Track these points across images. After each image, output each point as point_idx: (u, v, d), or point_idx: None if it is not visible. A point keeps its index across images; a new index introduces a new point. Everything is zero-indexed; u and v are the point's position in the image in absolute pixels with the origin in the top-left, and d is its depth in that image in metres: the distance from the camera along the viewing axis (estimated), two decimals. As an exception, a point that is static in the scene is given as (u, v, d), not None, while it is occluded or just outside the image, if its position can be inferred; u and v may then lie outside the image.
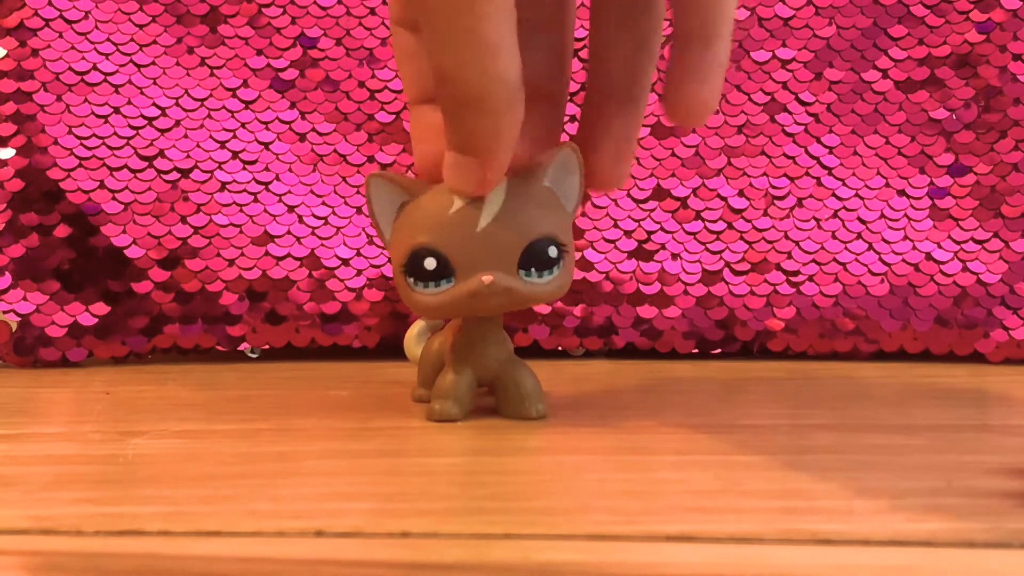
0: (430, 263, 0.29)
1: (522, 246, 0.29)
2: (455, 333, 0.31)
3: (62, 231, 0.42)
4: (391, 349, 0.42)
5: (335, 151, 0.44)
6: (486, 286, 0.28)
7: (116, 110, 0.43)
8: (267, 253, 0.42)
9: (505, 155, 0.28)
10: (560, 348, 0.43)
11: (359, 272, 0.43)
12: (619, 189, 0.34)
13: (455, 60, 0.27)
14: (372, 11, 0.44)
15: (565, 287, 0.30)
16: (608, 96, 0.30)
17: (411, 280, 0.29)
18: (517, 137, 0.28)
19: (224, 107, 0.44)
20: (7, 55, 0.43)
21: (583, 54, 0.34)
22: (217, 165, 0.43)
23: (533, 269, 0.29)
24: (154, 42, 0.44)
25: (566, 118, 0.33)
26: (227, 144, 0.43)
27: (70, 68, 0.43)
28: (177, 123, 0.43)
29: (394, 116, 0.44)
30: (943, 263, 0.42)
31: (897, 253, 0.43)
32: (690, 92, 0.29)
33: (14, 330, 0.42)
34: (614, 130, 0.30)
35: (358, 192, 0.43)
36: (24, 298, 0.42)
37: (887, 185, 0.43)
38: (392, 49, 0.33)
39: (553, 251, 0.29)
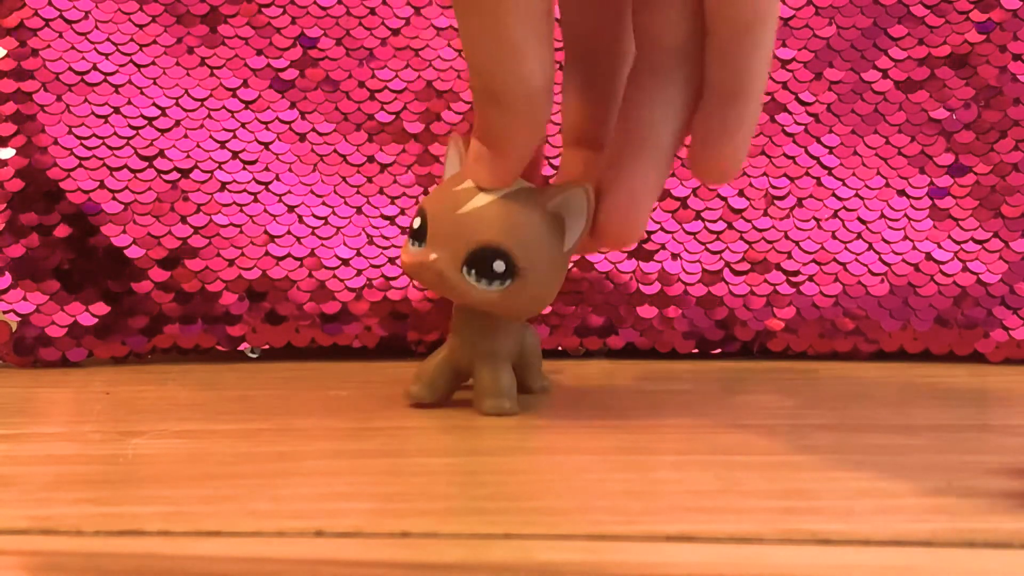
0: (417, 222, 0.30)
1: (472, 245, 0.29)
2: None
3: (62, 231, 0.42)
4: (391, 349, 0.42)
5: (335, 151, 0.44)
6: (427, 262, 0.29)
7: (116, 110, 0.43)
8: (267, 253, 0.42)
9: (519, 154, 0.28)
10: (560, 348, 0.43)
11: (359, 272, 0.43)
12: (623, 247, 0.33)
13: (480, 54, 0.27)
14: (372, 11, 0.44)
15: (516, 308, 0.30)
16: (634, 145, 0.29)
17: (409, 230, 0.31)
18: (537, 138, 0.28)
19: (224, 107, 0.44)
20: (7, 55, 0.43)
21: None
22: (217, 165, 0.43)
23: (474, 271, 0.29)
24: (154, 42, 0.44)
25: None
26: (227, 144, 0.43)
27: (70, 68, 0.43)
28: (177, 123, 0.43)
29: (394, 116, 0.44)
30: (943, 263, 0.42)
31: (897, 253, 0.43)
32: (713, 151, 0.28)
33: (14, 330, 0.42)
34: (629, 182, 0.29)
35: (358, 192, 0.43)
36: (24, 298, 0.42)
37: (887, 185, 0.43)
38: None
39: (500, 266, 0.29)
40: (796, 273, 0.43)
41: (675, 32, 0.29)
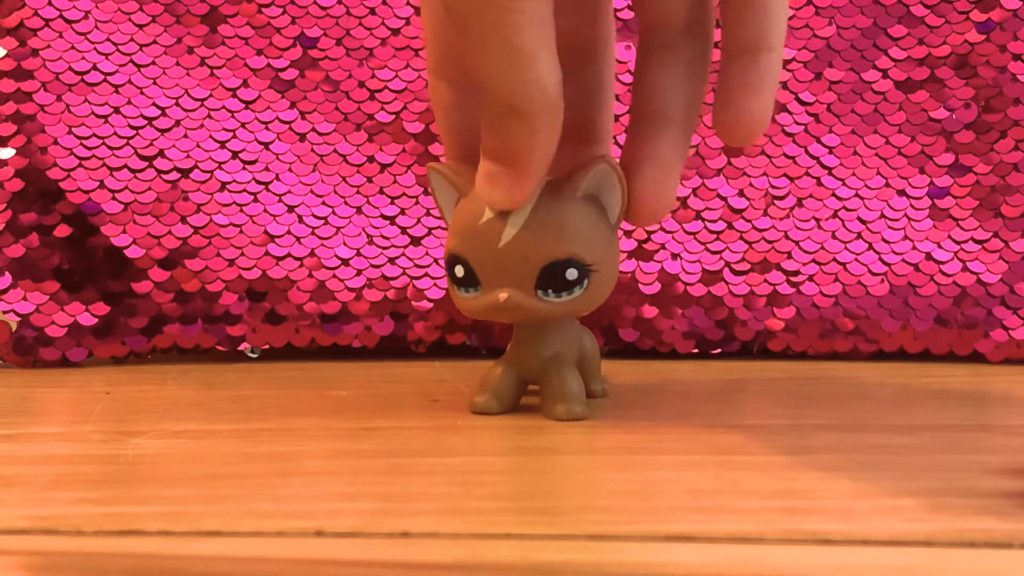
0: (459, 271, 0.29)
1: (539, 267, 0.29)
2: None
3: (62, 231, 0.42)
4: (391, 349, 0.42)
5: (335, 151, 0.44)
6: (500, 303, 0.29)
7: (116, 110, 0.43)
8: (267, 253, 0.42)
9: (539, 167, 0.28)
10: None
11: (359, 272, 0.43)
12: (659, 221, 0.33)
13: (491, 68, 0.26)
14: (372, 11, 0.44)
15: (595, 302, 0.30)
16: (653, 119, 0.29)
17: (451, 280, 0.30)
18: (553, 150, 0.27)
19: (224, 107, 0.44)
20: (7, 55, 0.43)
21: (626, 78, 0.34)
22: (217, 165, 0.43)
23: (551, 289, 0.29)
24: (154, 42, 0.44)
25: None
26: (227, 144, 0.43)
27: (70, 68, 0.43)
28: (177, 123, 0.43)
29: (394, 116, 0.44)
30: (943, 263, 0.42)
31: (897, 253, 0.43)
32: (739, 108, 0.28)
33: (14, 330, 0.42)
34: (657, 154, 0.29)
35: (358, 192, 0.43)
36: (24, 298, 0.42)
37: (887, 185, 0.43)
38: (430, 101, 0.33)
39: (572, 273, 0.29)
40: (796, 273, 0.43)
41: (680, 7, 0.29)
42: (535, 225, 0.29)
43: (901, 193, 0.43)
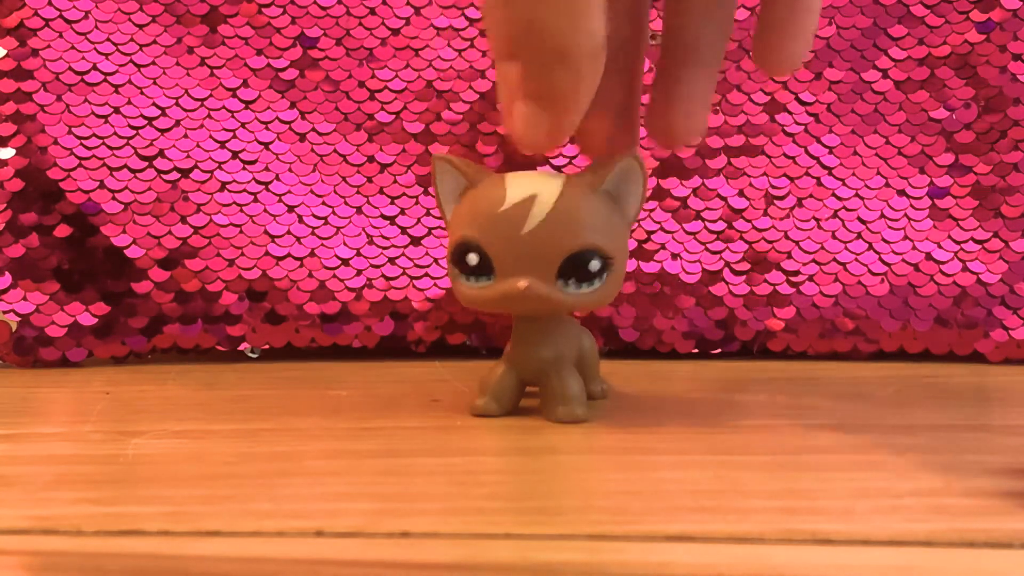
0: (472, 258, 0.29)
1: (563, 256, 0.28)
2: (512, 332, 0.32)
3: (62, 231, 0.42)
4: (391, 349, 0.42)
5: (335, 151, 0.44)
6: (520, 291, 0.28)
7: (116, 110, 0.43)
8: (267, 253, 0.42)
9: (579, 111, 0.28)
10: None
11: (359, 272, 0.43)
12: (689, 146, 0.33)
13: (550, 13, 0.26)
14: (372, 11, 0.44)
15: (609, 298, 0.30)
16: (682, 58, 0.30)
17: (456, 270, 0.29)
18: (593, 96, 0.27)
19: (224, 107, 0.44)
20: (7, 55, 0.43)
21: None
22: (217, 165, 0.43)
23: (572, 280, 0.29)
24: (154, 42, 0.44)
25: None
26: (227, 144, 0.43)
27: (70, 68, 0.43)
28: (177, 123, 0.43)
29: (394, 116, 0.44)
30: (943, 263, 0.42)
31: (897, 253, 0.43)
32: (780, 44, 0.28)
33: (14, 330, 0.42)
34: (687, 90, 0.30)
35: (358, 192, 0.43)
36: (24, 298, 0.42)
37: (887, 185, 0.43)
38: None
39: (595, 264, 0.28)
40: (796, 273, 0.43)
41: None
42: (561, 214, 0.28)
43: (901, 193, 0.43)
